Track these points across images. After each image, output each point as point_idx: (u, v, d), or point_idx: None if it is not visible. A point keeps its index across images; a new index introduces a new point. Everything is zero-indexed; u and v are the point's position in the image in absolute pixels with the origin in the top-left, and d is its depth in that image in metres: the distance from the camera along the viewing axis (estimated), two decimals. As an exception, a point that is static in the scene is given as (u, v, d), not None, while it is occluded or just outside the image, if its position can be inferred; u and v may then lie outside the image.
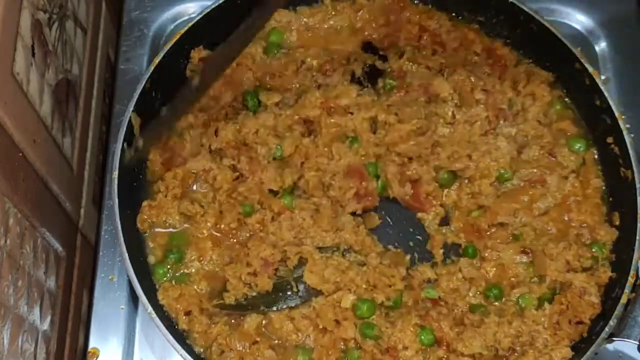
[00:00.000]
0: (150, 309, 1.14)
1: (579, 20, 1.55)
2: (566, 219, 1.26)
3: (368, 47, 1.39)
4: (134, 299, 1.30)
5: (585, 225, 1.25)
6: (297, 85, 1.35)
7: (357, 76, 1.34)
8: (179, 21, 1.53)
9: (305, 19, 1.41)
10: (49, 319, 1.14)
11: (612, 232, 1.23)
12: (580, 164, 1.29)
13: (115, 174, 1.20)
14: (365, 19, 1.41)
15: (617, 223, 1.24)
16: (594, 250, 1.22)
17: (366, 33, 1.41)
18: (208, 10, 1.33)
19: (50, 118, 1.15)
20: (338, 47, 1.40)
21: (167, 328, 1.13)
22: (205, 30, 1.34)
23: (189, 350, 1.15)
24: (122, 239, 1.17)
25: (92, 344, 1.27)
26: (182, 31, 1.31)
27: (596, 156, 1.31)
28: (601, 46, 1.53)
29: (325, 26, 1.42)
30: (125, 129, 1.23)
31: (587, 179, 1.29)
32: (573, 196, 1.26)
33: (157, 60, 1.28)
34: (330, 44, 1.40)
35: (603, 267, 1.21)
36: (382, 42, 1.40)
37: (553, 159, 1.29)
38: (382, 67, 1.36)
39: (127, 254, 1.17)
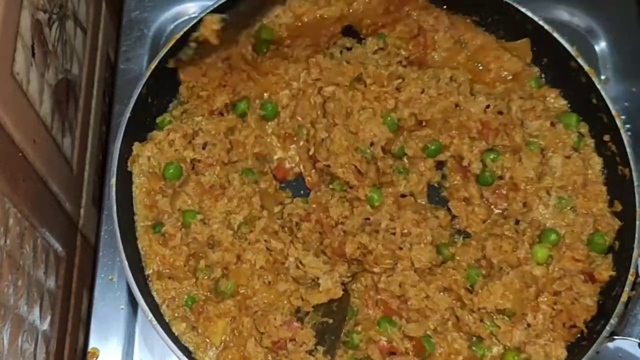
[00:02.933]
0: (150, 315, 1.13)
1: (579, 20, 1.55)
2: (573, 210, 1.25)
3: (348, 30, 1.39)
4: (133, 299, 1.29)
5: (590, 214, 1.25)
6: (285, 83, 1.33)
7: (334, 57, 1.34)
8: (179, 21, 1.53)
9: (293, 11, 1.39)
10: (48, 319, 1.14)
11: (614, 222, 1.23)
12: (578, 139, 1.28)
13: (113, 180, 1.20)
14: (359, 11, 1.40)
15: (619, 210, 1.24)
16: (597, 239, 1.21)
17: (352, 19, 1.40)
18: (203, 14, 1.31)
19: (50, 118, 1.15)
20: (323, 33, 1.39)
21: (167, 334, 1.13)
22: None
23: (189, 355, 1.15)
24: (121, 245, 1.17)
25: (92, 344, 1.27)
26: (177, 36, 1.30)
27: (591, 135, 1.30)
28: (601, 46, 1.53)
29: (316, 16, 1.40)
30: (122, 135, 1.22)
31: (587, 157, 1.28)
32: (576, 176, 1.25)
33: (152, 66, 1.27)
34: (317, 31, 1.39)
35: (604, 265, 1.20)
36: (369, 27, 1.39)
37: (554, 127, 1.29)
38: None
39: (126, 262, 1.16)
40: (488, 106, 1.30)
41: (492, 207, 1.28)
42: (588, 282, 1.19)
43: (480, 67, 1.38)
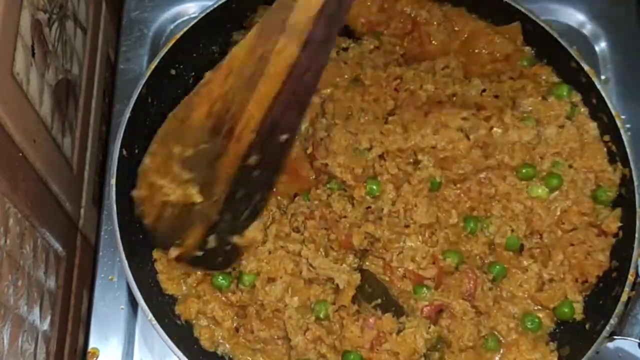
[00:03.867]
0: (150, 315, 1.13)
1: (579, 20, 1.55)
2: (572, 168, 1.26)
3: (344, 30, 1.39)
4: (134, 299, 1.29)
5: (590, 170, 1.25)
6: None
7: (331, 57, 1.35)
8: (179, 21, 1.53)
9: None
10: (49, 319, 1.14)
11: (615, 176, 1.24)
12: (572, 109, 1.29)
13: (113, 180, 1.20)
14: (353, 10, 1.39)
15: (620, 176, 1.24)
16: (600, 195, 1.23)
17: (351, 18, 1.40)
18: (203, 14, 1.32)
19: (50, 118, 1.15)
20: None
21: (166, 333, 1.13)
22: (200, 35, 1.33)
23: (189, 354, 1.14)
24: (120, 246, 1.16)
25: (92, 344, 1.27)
26: (178, 36, 1.30)
27: (584, 104, 1.31)
28: (601, 46, 1.53)
29: None
30: (124, 130, 1.22)
31: (581, 124, 1.28)
32: (572, 142, 1.26)
33: (152, 65, 1.27)
34: None
35: (611, 217, 1.21)
36: (363, 26, 1.39)
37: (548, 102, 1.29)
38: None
39: (126, 261, 1.16)
40: (484, 90, 1.30)
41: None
42: (601, 236, 1.20)
43: (474, 51, 1.38)
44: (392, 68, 1.31)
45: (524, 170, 1.24)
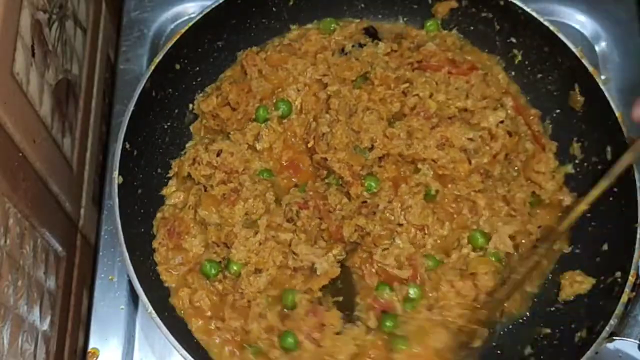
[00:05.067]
0: (150, 308, 1.13)
1: (579, 20, 1.55)
2: None
3: (368, 30, 1.41)
4: (134, 299, 1.30)
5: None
6: (293, 78, 1.34)
7: (345, 51, 1.36)
8: (179, 21, 1.54)
9: None
10: (48, 319, 1.14)
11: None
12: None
13: (116, 173, 1.20)
14: None
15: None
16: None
17: None
18: (208, 10, 1.33)
19: (50, 118, 1.15)
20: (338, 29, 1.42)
21: (167, 327, 1.13)
22: (206, 30, 1.34)
23: (189, 349, 1.14)
24: (122, 238, 1.17)
25: (92, 344, 1.27)
26: (182, 31, 1.31)
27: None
28: (601, 46, 1.53)
29: None
30: (125, 128, 1.22)
31: None
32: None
33: (157, 60, 1.28)
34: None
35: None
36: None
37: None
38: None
39: (127, 254, 1.16)
40: (502, 121, 1.28)
41: None
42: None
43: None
44: (402, 71, 1.32)
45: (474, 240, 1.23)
